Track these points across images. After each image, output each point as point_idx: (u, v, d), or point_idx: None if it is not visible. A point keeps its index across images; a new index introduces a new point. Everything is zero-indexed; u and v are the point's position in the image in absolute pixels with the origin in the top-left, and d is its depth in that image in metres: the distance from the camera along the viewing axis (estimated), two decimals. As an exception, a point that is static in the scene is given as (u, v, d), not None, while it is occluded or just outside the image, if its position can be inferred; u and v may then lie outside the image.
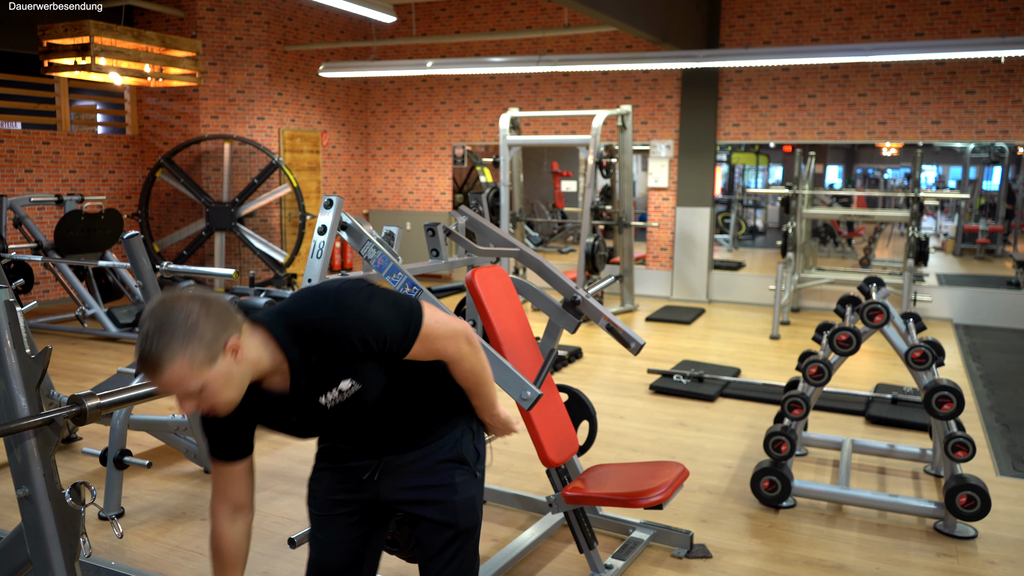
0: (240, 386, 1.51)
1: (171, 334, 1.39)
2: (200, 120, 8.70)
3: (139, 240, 3.43)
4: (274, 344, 1.54)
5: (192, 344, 1.40)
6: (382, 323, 1.57)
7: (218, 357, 1.44)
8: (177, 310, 1.41)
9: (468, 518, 1.82)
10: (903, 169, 14.95)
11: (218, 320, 1.44)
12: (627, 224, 8.09)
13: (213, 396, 1.46)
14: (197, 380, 1.42)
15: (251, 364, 1.51)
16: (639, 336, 2.80)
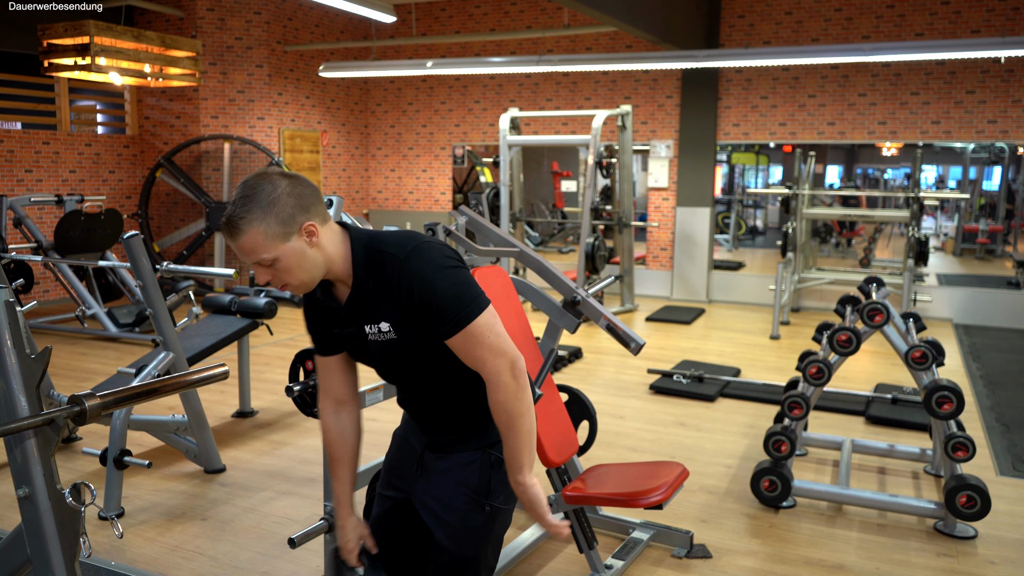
0: (312, 271, 1.59)
1: (253, 203, 1.50)
2: (200, 120, 8.70)
3: (139, 240, 3.43)
4: (349, 254, 1.62)
5: (270, 216, 1.51)
6: (439, 292, 1.57)
7: (292, 235, 1.53)
8: (266, 183, 1.52)
9: (464, 547, 1.75)
10: (903, 169, 14.95)
11: (300, 202, 1.54)
12: (627, 224, 8.09)
13: (285, 272, 1.56)
14: (270, 251, 1.52)
15: (326, 256, 1.60)
16: (639, 336, 2.80)
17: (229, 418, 4.67)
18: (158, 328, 3.57)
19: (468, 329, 1.58)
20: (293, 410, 4.75)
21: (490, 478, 1.74)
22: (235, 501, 3.51)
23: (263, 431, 4.45)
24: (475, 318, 1.58)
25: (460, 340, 1.60)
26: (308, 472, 3.84)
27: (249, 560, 2.98)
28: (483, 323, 1.59)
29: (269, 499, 3.54)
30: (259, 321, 4.58)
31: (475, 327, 1.58)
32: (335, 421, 1.82)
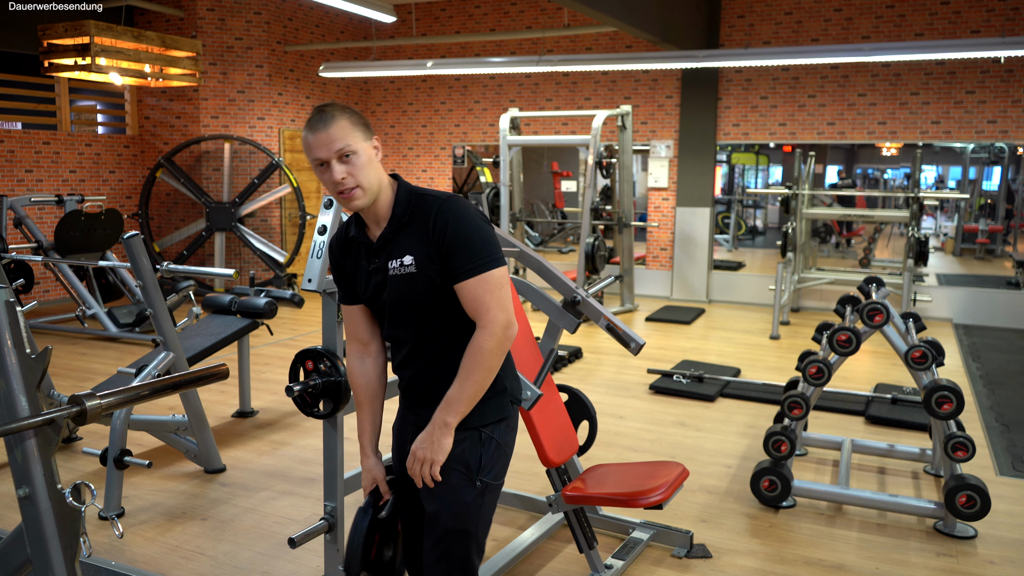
0: (375, 179, 1.77)
1: (346, 110, 1.77)
2: (200, 120, 8.70)
3: (139, 240, 3.43)
4: (392, 192, 1.81)
5: (357, 116, 1.77)
6: (471, 233, 1.73)
7: (370, 139, 1.78)
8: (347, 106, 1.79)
9: (454, 521, 1.84)
10: (903, 169, 14.95)
11: (370, 126, 1.79)
12: (627, 224, 8.09)
13: (359, 169, 1.74)
14: (352, 142, 1.73)
15: (379, 176, 1.78)
16: (639, 336, 2.80)
17: (229, 418, 4.67)
18: (158, 328, 3.57)
19: (485, 276, 1.72)
20: (293, 410, 4.75)
21: (481, 454, 1.84)
22: (235, 501, 3.51)
23: (263, 431, 4.45)
24: (494, 268, 1.73)
25: (473, 284, 1.72)
26: (308, 472, 3.85)
27: (249, 560, 2.98)
28: (499, 276, 1.74)
29: (269, 499, 3.54)
30: (259, 321, 4.58)
31: (492, 276, 1.72)
32: (360, 365, 1.96)
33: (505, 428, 1.89)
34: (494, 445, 1.86)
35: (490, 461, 1.85)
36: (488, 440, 1.85)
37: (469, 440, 1.83)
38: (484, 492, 1.85)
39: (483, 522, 1.88)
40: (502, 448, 1.88)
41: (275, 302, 4.54)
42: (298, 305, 4.83)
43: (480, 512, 1.86)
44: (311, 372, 2.53)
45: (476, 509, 1.85)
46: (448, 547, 1.85)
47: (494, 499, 1.91)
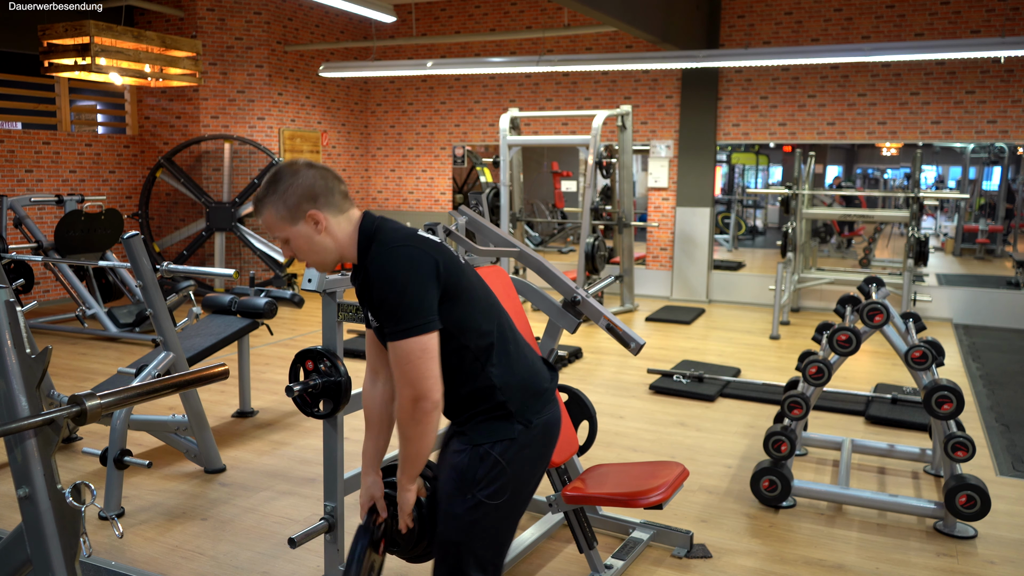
0: (322, 254, 1.78)
1: (271, 189, 1.75)
2: (200, 120, 8.70)
3: (139, 240, 3.43)
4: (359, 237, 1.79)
5: (279, 202, 1.74)
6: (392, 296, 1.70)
7: (299, 221, 1.75)
8: (287, 173, 1.75)
9: (444, 530, 1.85)
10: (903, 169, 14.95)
11: (309, 192, 1.73)
12: (627, 224, 8.09)
13: (297, 252, 1.79)
14: (280, 232, 1.76)
15: (337, 243, 1.78)
16: (639, 336, 2.80)
17: (229, 418, 4.67)
18: (158, 328, 3.57)
19: (397, 345, 1.70)
20: (293, 410, 4.75)
21: (477, 469, 1.82)
22: (235, 501, 3.51)
23: (263, 431, 4.45)
24: (407, 338, 1.68)
25: (391, 348, 1.72)
26: (308, 472, 3.85)
27: (249, 560, 2.98)
28: (413, 347, 1.68)
29: (269, 499, 3.54)
30: (259, 321, 4.58)
31: (401, 347, 1.69)
32: (370, 388, 2.00)
33: (510, 448, 1.83)
34: (492, 462, 1.81)
35: (487, 478, 1.81)
36: (487, 456, 1.81)
37: (468, 454, 1.82)
38: (477, 507, 1.81)
39: (483, 539, 1.85)
40: (502, 467, 1.82)
41: (275, 302, 4.54)
42: (298, 305, 4.83)
43: (473, 527, 1.82)
44: (311, 372, 2.53)
45: (468, 523, 1.82)
46: (442, 554, 1.87)
47: (495, 518, 1.85)
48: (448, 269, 1.75)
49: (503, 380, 1.84)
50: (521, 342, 1.96)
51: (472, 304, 1.82)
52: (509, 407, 1.84)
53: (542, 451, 1.92)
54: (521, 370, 1.89)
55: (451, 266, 1.76)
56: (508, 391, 1.84)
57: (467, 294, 1.80)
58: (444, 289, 1.73)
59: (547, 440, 1.93)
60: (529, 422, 1.86)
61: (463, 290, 1.79)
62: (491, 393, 1.83)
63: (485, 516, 1.83)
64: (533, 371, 1.93)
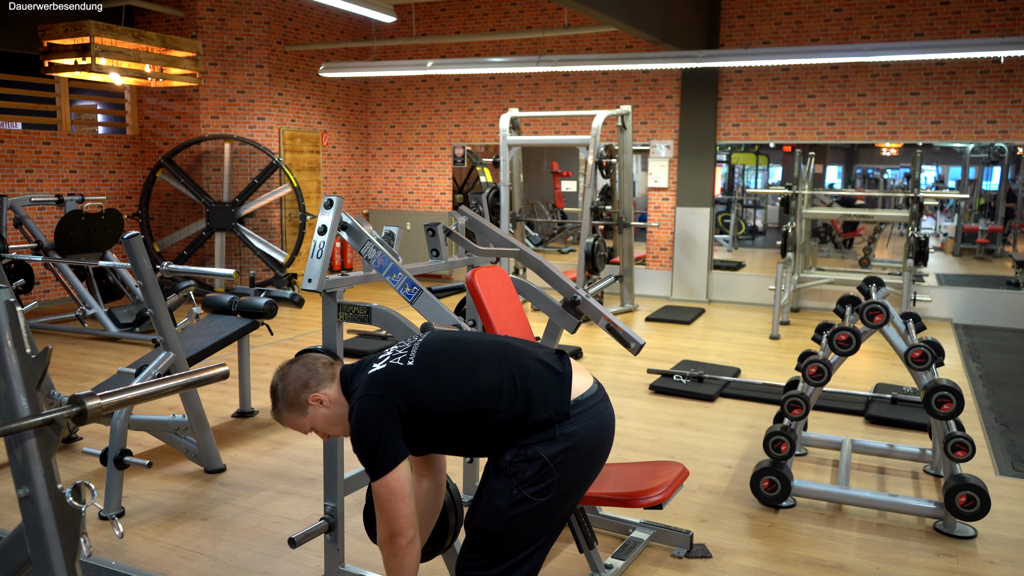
0: (343, 422, 1.99)
1: (275, 400, 2.02)
2: (200, 120, 8.70)
3: (139, 240, 3.43)
4: None
5: (286, 405, 2.00)
6: (358, 448, 1.90)
7: (307, 408, 1.99)
8: (278, 380, 2.01)
9: (486, 519, 1.91)
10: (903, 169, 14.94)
11: (300, 385, 1.98)
12: (627, 224, 8.09)
13: (323, 432, 2.04)
14: (301, 426, 2.01)
15: (335, 420, 2.00)
16: (639, 336, 2.80)
17: (229, 418, 4.67)
18: (158, 328, 3.57)
19: (372, 487, 1.90)
20: (293, 410, 4.75)
21: (526, 469, 1.88)
22: (235, 501, 3.51)
23: (263, 431, 4.45)
24: (377, 479, 1.87)
25: (373, 487, 1.90)
26: (308, 472, 3.85)
27: (249, 560, 2.98)
28: (382, 490, 1.87)
29: (269, 499, 3.54)
30: (259, 321, 4.58)
31: (376, 488, 1.89)
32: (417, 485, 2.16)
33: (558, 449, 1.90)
34: (541, 463, 1.89)
35: (535, 477, 1.88)
36: (536, 458, 1.89)
37: (514, 454, 1.90)
38: (521, 502, 1.88)
39: (518, 531, 1.91)
40: (550, 468, 1.89)
41: (275, 302, 4.54)
42: (298, 305, 4.83)
43: (514, 521, 1.89)
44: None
45: (509, 516, 1.89)
46: (475, 542, 1.93)
47: (537, 516, 1.91)
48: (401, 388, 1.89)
49: (521, 406, 1.91)
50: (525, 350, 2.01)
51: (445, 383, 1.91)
52: (539, 418, 1.91)
53: (594, 453, 1.99)
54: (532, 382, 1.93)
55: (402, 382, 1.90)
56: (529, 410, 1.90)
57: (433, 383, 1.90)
58: (409, 406, 1.88)
59: (600, 440, 2.00)
60: (566, 414, 1.92)
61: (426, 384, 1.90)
62: (519, 423, 1.90)
63: (527, 511, 1.89)
64: (540, 373, 1.96)
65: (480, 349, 1.98)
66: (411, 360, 1.93)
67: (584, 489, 2.03)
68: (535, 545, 1.95)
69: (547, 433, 1.89)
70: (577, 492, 1.99)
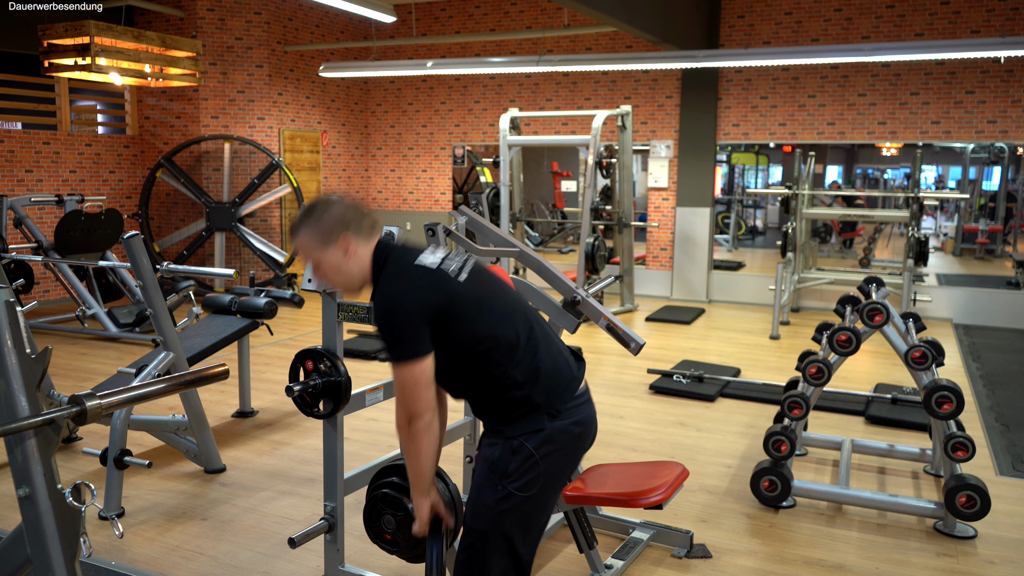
0: (347, 278, 1.92)
1: (306, 216, 1.91)
2: (200, 120, 8.70)
3: (139, 240, 3.43)
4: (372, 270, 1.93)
5: (313, 228, 1.89)
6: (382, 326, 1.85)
7: (330, 245, 1.89)
8: (322, 204, 1.91)
9: (473, 519, 1.89)
10: (903, 169, 14.95)
11: (341, 221, 1.88)
12: (627, 224, 8.09)
13: (327, 274, 1.93)
14: (313, 255, 1.90)
15: (360, 269, 1.92)
16: (639, 336, 2.80)
17: (229, 418, 4.67)
18: (158, 328, 3.57)
19: (393, 370, 1.85)
20: (293, 410, 4.75)
21: (509, 462, 1.88)
22: (235, 501, 3.51)
23: (263, 431, 4.45)
24: (402, 362, 1.82)
25: (393, 372, 1.86)
26: (308, 472, 3.85)
27: (249, 560, 2.98)
28: (403, 373, 1.83)
29: (269, 499, 3.54)
30: (259, 321, 4.58)
31: (396, 372, 1.84)
32: None
33: (542, 440, 1.89)
34: (525, 454, 1.88)
35: (519, 470, 1.88)
36: (520, 449, 1.88)
37: (500, 447, 1.89)
38: (507, 498, 1.88)
39: (507, 527, 1.90)
40: (535, 460, 1.88)
41: (275, 302, 4.54)
42: (298, 305, 4.83)
43: (502, 517, 1.88)
44: (311, 372, 2.53)
45: (496, 513, 1.88)
46: (466, 542, 1.92)
47: (525, 510, 1.91)
48: (445, 294, 1.85)
49: (526, 375, 1.89)
50: (550, 334, 2.02)
51: (485, 315, 1.88)
52: (535, 399, 1.89)
53: (576, 447, 1.98)
54: (546, 363, 1.93)
55: (449, 291, 1.85)
56: (532, 385, 1.89)
57: (476, 308, 1.88)
58: (443, 314, 1.83)
59: (580, 436, 1.98)
60: (558, 412, 1.92)
61: (470, 305, 1.87)
62: (516, 389, 1.89)
63: (514, 507, 1.89)
64: (557, 363, 1.97)
65: (520, 307, 1.99)
66: (463, 275, 1.91)
67: (564, 483, 2.05)
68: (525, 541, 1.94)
69: (534, 423, 1.89)
70: (559, 485, 1.99)
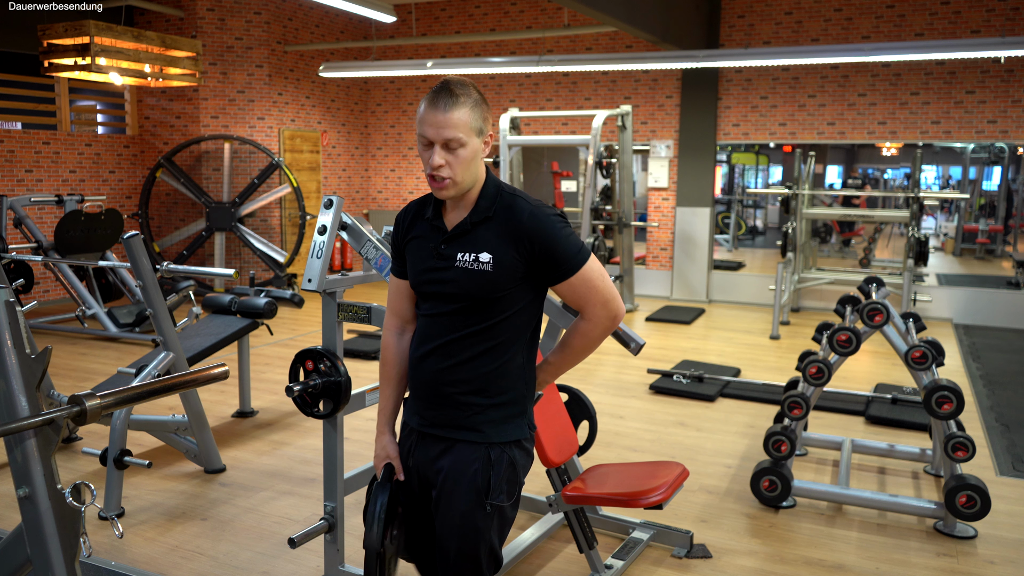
0: (473, 174, 1.71)
1: (470, 95, 1.68)
2: (200, 120, 8.70)
3: (139, 240, 3.43)
4: (484, 186, 1.76)
5: (479, 109, 1.69)
6: (561, 240, 1.72)
7: (483, 133, 1.71)
8: (475, 90, 1.70)
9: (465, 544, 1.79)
10: (903, 169, 14.95)
11: (490, 117, 1.72)
12: (627, 224, 8.09)
13: (460, 162, 1.68)
14: (464, 135, 1.66)
15: (477, 173, 1.73)
16: (639, 336, 2.80)
17: (229, 418, 4.67)
18: (158, 328, 3.57)
19: (583, 272, 1.74)
20: (293, 410, 4.75)
21: (491, 476, 1.77)
22: (235, 501, 3.51)
23: (263, 431, 4.45)
24: (587, 262, 1.74)
25: (577, 280, 1.74)
26: (308, 472, 3.84)
27: (249, 560, 2.98)
28: (596, 267, 1.76)
29: (269, 499, 3.54)
30: (259, 321, 4.58)
31: (589, 270, 1.74)
32: (396, 340, 1.93)
33: (521, 451, 1.83)
34: (506, 464, 1.78)
35: (499, 483, 1.77)
36: (500, 459, 1.78)
37: (480, 462, 1.76)
38: (495, 515, 1.79)
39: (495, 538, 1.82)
40: (515, 470, 1.81)
41: (275, 302, 4.54)
42: (298, 305, 4.83)
43: (490, 531, 1.80)
44: (311, 372, 2.53)
45: (487, 529, 1.79)
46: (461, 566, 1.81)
47: (506, 520, 1.84)
48: None
49: (529, 374, 1.84)
50: None
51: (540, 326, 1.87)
52: (526, 404, 1.84)
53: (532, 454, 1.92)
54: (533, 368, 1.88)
55: None
56: (529, 385, 1.84)
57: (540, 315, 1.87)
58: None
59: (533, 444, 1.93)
60: (533, 426, 1.88)
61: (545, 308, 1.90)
62: (519, 381, 1.81)
63: (499, 517, 1.82)
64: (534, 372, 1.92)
65: None
66: None
67: None
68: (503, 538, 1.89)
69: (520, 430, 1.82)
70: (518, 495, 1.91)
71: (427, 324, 1.81)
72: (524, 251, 1.71)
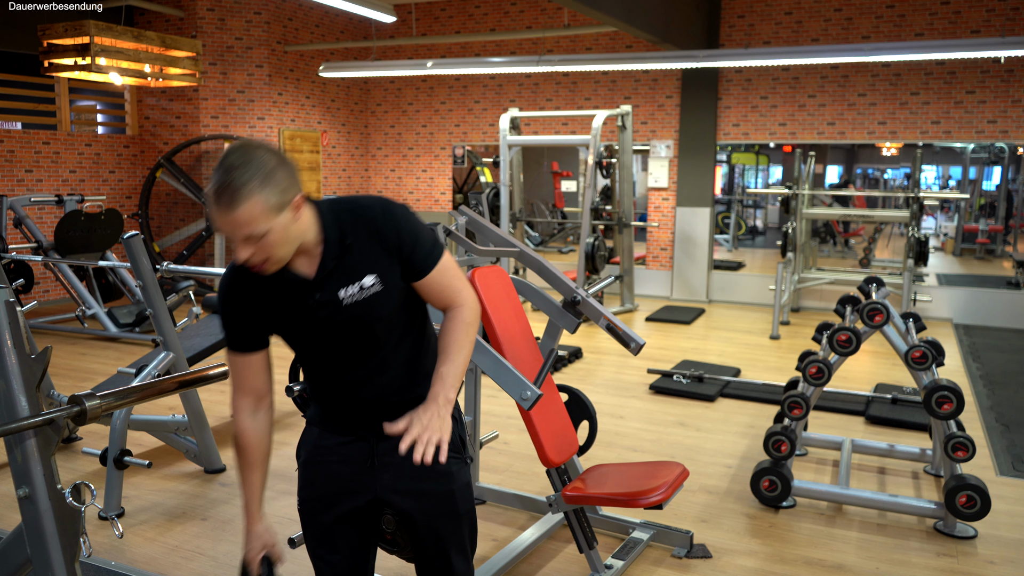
0: (292, 245, 1.53)
1: (254, 172, 1.43)
2: (200, 120, 8.70)
3: (139, 240, 3.43)
4: (317, 222, 1.59)
5: (269, 187, 1.45)
6: (420, 233, 1.66)
7: (285, 208, 1.48)
8: (260, 154, 1.46)
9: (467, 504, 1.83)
10: (903, 169, 14.95)
11: (290, 175, 1.50)
12: (627, 224, 8.09)
13: (270, 247, 1.49)
14: (264, 224, 1.45)
15: (301, 230, 1.55)
16: (639, 336, 2.80)
17: (229, 418, 4.66)
18: (158, 328, 3.57)
19: (443, 261, 1.69)
20: (293, 410, 4.75)
21: (460, 435, 1.83)
22: (235, 501, 3.51)
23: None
24: (444, 253, 1.71)
25: (438, 273, 1.68)
26: (308, 472, 3.84)
27: (249, 560, 2.98)
28: (451, 259, 1.73)
29: (269, 499, 3.54)
30: (259, 321, 4.57)
31: (446, 260, 1.71)
32: (252, 422, 1.73)
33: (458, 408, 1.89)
34: (467, 478, 1.84)
35: (465, 437, 1.86)
36: (459, 417, 1.85)
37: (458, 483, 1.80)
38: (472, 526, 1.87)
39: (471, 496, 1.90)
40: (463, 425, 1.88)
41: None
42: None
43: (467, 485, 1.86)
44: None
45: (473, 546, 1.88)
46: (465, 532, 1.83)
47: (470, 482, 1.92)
48: None
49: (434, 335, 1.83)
50: None
51: None
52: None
53: None
54: None
55: None
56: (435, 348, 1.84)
57: None
58: None
59: None
60: None
61: None
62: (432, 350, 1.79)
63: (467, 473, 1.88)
64: None
65: None
66: None
67: None
68: None
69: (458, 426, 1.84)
70: None
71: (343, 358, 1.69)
72: (395, 253, 1.63)
